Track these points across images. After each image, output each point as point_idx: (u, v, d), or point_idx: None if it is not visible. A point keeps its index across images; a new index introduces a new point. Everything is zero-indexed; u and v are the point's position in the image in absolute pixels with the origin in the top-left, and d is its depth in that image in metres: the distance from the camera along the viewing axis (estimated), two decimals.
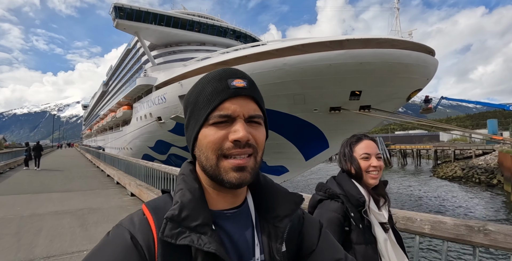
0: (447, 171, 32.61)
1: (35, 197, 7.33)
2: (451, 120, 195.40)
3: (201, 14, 29.95)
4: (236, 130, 0.56)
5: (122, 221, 0.58)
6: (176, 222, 0.53)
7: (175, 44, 24.63)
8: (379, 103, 14.01)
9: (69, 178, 11.28)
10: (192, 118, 0.61)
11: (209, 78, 0.60)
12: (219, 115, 0.57)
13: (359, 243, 1.17)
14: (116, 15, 20.11)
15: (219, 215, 0.61)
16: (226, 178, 0.57)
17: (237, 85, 0.58)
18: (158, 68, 22.20)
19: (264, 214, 0.67)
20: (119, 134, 32.21)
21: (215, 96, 0.57)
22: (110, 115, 35.86)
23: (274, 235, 0.64)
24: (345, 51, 11.57)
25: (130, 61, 33.64)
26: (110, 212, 5.67)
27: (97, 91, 64.55)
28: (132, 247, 0.51)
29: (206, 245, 0.52)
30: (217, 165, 0.57)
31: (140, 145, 24.84)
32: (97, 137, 55.39)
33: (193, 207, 0.56)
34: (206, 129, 0.58)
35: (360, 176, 1.30)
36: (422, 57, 12.52)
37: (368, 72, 12.04)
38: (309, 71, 12.04)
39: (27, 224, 4.84)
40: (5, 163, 14.20)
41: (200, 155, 0.59)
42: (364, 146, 1.32)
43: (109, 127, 41.21)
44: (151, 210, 0.58)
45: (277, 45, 13.49)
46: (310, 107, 14.05)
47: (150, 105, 20.79)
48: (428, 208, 18.09)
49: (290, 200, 0.68)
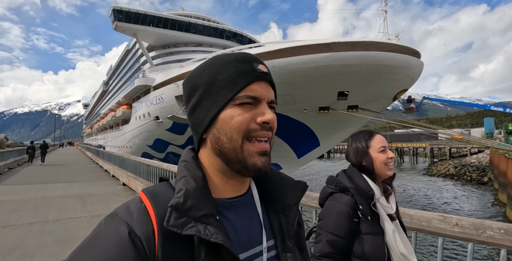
0: (440, 168, 33.25)
1: (44, 186, 8.80)
2: (451, 119, 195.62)
3: (198, 15, 30.56)
4: (265, 112, 0.56)
5: (117, 210, 0.53)
6: (181, 211, 0.50)
7: (172, 45, 25.25)
8: (366, 103, 14.63)
9: (71, 172, 12.75)
10: (207, 98, 0.57)
11: (230, 59, 0.59)
12: (247, 96, 0.56)
13: (367, 233, 1.23)
14: (115, 18, 20.73)
15: (223, 203, 0.59)
16: (251, 162, 0.56)
17: (263, 70, 0.59)
18: (156, 69, 22.84)
19: (272, 203, 0.66)
20: (119, 132, 32.92)
21: (242, 77, 0.56)
22: (110, 115, 36.57)
23: (285, 223, 0.65)
24: (331, 54, 12.17)
25: (130, 62, 34.29)
26: (104, 196, 7.26)
27: (98, 90, 65.28)
28: (128, 241, 0.47)
29: (213, 236, 0.50)
30: (241, 147, 0.55)
31: (139, 144, 25.53)
32: (97, 136, 56.13)
33: (198, 195, 0.54)
34: (231, 110, 0.56)
35: (371, 170, 1.33)
36: (405, 59, 13.11)
37: (353, 73, 12.64)
38: (297, 73, 12.65)
39: (40, 203, 6.39)
40: (14, 160, 15.70)
41: (220, 137, 0.56)
42: (380, 140, 1.36)
43: (109, 126, 41.92)
44: (150, 197, 0.54)
45: (272, 47, 13.99)
46: (300, 107, 14.68)
47: (148, 105, 21.45)
48: (415, 204, 18.74)
49: (297, 189, 0.68)
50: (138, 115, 24.64)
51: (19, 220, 4.97)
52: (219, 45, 25.93)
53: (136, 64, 31.15)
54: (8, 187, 8.56)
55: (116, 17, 20.68)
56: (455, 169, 30.53)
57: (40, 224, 4.79)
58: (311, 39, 13.47)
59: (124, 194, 7.48)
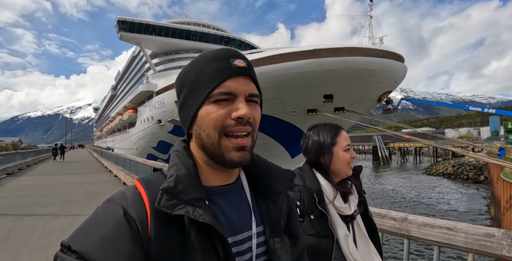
0: (439, 168, 33.58)
1: (55, 176, 11.87)
2: (462, 117, 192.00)
3: (199, 22, 31.95)
4: (239, 107, 0.58)
5: (113, 196, 0.57)
6: (172, 194, 0.53)
7: (174, 52, 26.64)
8: (351, 105, 15.54)
9: (77, 167, 16.31)
10: (191, 97, 0.60)
11: (209, 57, 0.61)
12: (221, 93, 0.57)
13: (309, 234, 1.11)
14: (120, 28, 22.21)
15: (213, 191, 0.62)
16: (228, 157, 0.58)
17: (239, 65, 0.60)
18: (158, 75, 24.25)
19: (261, 191, 0.69)
20: (126, 135, 34.57)
21: (218, 75, 0.58)
22: (118, 118, 38.34)
23: (273, 209, 0.67)
24: (312, 60, 13.17)
25: (135, 68, 35.97)
26: (98, 182, 10.09)
27: (107, 94, 67.65)
28: (124, 221, 0.51)
29: (201, 216, 0.52)
30: (219, 143, 0.58)
31: (144, 145, 26.96)
32: (107, 138, 58.26)
33: (188, 181, 0.57)
34: (208, 107, 0.58)
35: (327, 168, 1.22)
36: (385, 62, 13.95)
37: (335, 78, 13.59)
38: (283, 78, 13.67)
39: (52, 186, 9.20)
40: (31, 159, 19.40)
41: (201, 132, 0.59)
42: (346, 137, 1.25)
43: (117, 129, 43.78)
44: (144, 184, 0.58)
45: (272, 52, 14.72)
46: (289, 110, 15.68)
47: (152, 109, 22.85)
48: (404, 203, 19.42)
49: (285, 176, 0.71)
50: (142, 119, 26.10)
51: (39, 193, 7.97)
52: None
53: (141, 70, 32.75)
54: (29, 177, 11.70)
55: (121, 27, 22.16)
56: (453, 168, 30.87)
57: (52, 195, 7.67)
58: (297, 46, 14.50)
59: (112, 181, 10.17)
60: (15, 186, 9.29)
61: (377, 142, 49.45)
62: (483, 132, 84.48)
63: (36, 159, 20.79)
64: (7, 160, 13.88)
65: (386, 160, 50.03)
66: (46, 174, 12.77)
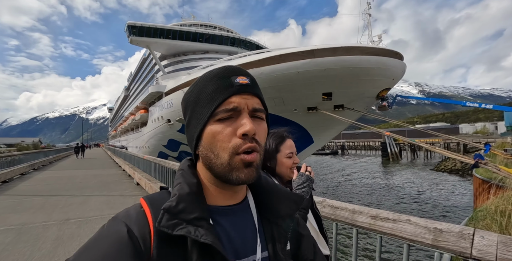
0: (448, 164, 33.37)
1: (73, 170, 13.74)
2: (479, 112, 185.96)
3: (206, 23, 32.89)
4: (243, 123, 0.56)
5: (118, 214, 0.57)
6: (173, 214, 0.53)
7: (182, 53, 27.69)
8: (350, 102, 16.06)
9: (92, 163, 18.26)
10: (194, 117, 0.60)
11: (210, 76, 0.60)
12: (225, 110, 0.57)
13: None
14: (130, 33, 23.40)
15: (217, 210, 0.61)
16: (236, 174, 0.57)
17: (241, 83, 0.59)
18: (167, 77, 25.37)
19: (266, 213, 0.66)
20: (139, 134, 36.12)
21: (219, 94, 0.57)
22: (131, 118, 39.98)
23: (277, 234, 0.65)
24: (309, 60, 13.78)
25: (146, 69, 37.39)
26: (108, 175, 11.57)
27: (120, 95, 69.97)
28: (126, 239, 0.51)
29: (203, 237, 0.52)
30: (229, 163, 0.56)
31: (156, 144, 28.25)
32: (121, 137, 60.50)
33: (190, 200, 0.56)
34: (212, 127, 0.57)
35: (273, 171, 1.35)
36: (382, 60, 14.37)
37: (332, 77, 14.16)
38: (282, 78, 14.36)
39: (71, 177, 10.92)
40: (52, 157, 21.85)
41: (207, 153, 0.58)
42: (289, 146, 1.38)
43: (130, 128, 45.57)
44: (148, 202, 0.58)
45: (273, 53, 15.34)
46: (290, 108, 16.36)
47: (161, 109, 24.01)
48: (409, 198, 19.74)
49: (291, 200, 0.69)
50: (153, 119, 27.36)
51: (61, 182, 9.72)
52: (224, 51, 28.05)
53: (151, 72, 34.08)
54: (52, 171, 13.67)
55: (131, 32, 23.34)
56: (461, 164, 30.66)
57: (71, 183, 9.30)
58: (296, 47, 15.12)
59: (120, 174, 11.68)
60: (41, 177, 11.13)
61: (386, 138, 49.18)
62: (500, 126, 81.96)
63: (56, 156, 23.29)
64: (33, 157, 16.40)
65: (395, 156, 49.68)
66: (65, 169, 14.92)
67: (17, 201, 6.57)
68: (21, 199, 6.78)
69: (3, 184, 9.28)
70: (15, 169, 11.10)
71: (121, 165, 14.23)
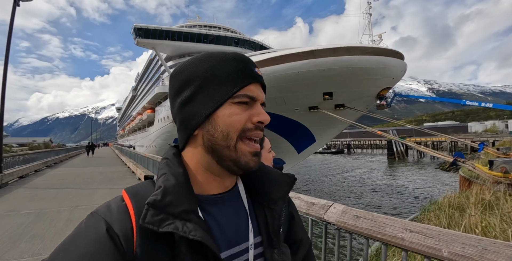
0: None
1: (82, 168, 14.94)
2: (489, 110, 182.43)
3: (211, 24, 33.45)
4: (260, 113, 0.57)
5: (98, 208, 0.54)
6: (158, 208, 0.50)
7: (187, 54, 28.27)
8: (350, 101, 16.32)
9: (100, 162, 19.46)
10: (203, 93, 0.57)
11: (226, 57, 0.59)
12: (246, 95, 0.56)
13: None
14: (136, 35, 24.05)
15: (206, 199, 0.58)
16: (245, 161, 0.56)
17: (258, 73, 0.60)
18: None
19: (257, 198, 0.65)
20: (146, 133, 36.99)
21: (243, 77, 0.57)
22: (138, 118, 40.94)
23: (271, 218, 0.63)
24: (309, 60, 14.10)
25: (153, 70, 38.20)
26: (115, 172, 12.54)
27: (128, 95, 71.33)
28: (106, 238, 0.48)
29: (192, 232, 0.49)
30: (235, 146, 0.56)
31: (162, 143, 28.97)
32: (129, 137, 61.78)
33: (177, 192, 0.53)
34: (230, 107, 0.56)
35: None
36: (381, 60, 14.57)
37: (332, 76, 14.46)
38: (282, 79, 14.72)
39: (80, 173, 11.98)
40: (63, 155, 23.22)
41: (215, 134, 0.56)
42: (267, 141, 1.49)
43: (138, 128, 46.60)
44: (131, 195, 0.55)
45: (275, 53, 15.66)
46: (292, 108, 16.71)
47: (167, 109, 24.68)
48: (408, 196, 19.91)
49: (283, 181, 0.68)
50: (159, 118, 28.09)
51: (71, 177, 10.80)
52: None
53: (157, 73, 34.84)
54: (63, 168, 14.95)
55: (137, 34, 23.98)
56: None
57: (80, 179, 10.29)
58: (296, 48, 15.46)
59: (125, 171, 12.63)
60: (53, 174, 12.16)
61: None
62: (510, 124, 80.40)
63: (66, 155, 24.86)
64: (45, 155, 17.58)
65: (402, 154, 49.46)
66: (75, 166, 16.31)
67: (34, 192, 7.52)
68: (37, 191, 7.76)
69: (20, 179, 10.31)
70: (30, 166, 12.07)
71: (126, 162, 15.21)
